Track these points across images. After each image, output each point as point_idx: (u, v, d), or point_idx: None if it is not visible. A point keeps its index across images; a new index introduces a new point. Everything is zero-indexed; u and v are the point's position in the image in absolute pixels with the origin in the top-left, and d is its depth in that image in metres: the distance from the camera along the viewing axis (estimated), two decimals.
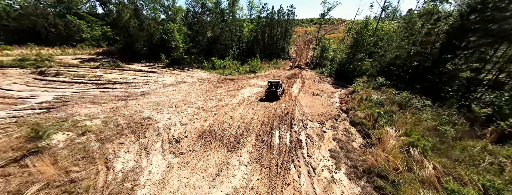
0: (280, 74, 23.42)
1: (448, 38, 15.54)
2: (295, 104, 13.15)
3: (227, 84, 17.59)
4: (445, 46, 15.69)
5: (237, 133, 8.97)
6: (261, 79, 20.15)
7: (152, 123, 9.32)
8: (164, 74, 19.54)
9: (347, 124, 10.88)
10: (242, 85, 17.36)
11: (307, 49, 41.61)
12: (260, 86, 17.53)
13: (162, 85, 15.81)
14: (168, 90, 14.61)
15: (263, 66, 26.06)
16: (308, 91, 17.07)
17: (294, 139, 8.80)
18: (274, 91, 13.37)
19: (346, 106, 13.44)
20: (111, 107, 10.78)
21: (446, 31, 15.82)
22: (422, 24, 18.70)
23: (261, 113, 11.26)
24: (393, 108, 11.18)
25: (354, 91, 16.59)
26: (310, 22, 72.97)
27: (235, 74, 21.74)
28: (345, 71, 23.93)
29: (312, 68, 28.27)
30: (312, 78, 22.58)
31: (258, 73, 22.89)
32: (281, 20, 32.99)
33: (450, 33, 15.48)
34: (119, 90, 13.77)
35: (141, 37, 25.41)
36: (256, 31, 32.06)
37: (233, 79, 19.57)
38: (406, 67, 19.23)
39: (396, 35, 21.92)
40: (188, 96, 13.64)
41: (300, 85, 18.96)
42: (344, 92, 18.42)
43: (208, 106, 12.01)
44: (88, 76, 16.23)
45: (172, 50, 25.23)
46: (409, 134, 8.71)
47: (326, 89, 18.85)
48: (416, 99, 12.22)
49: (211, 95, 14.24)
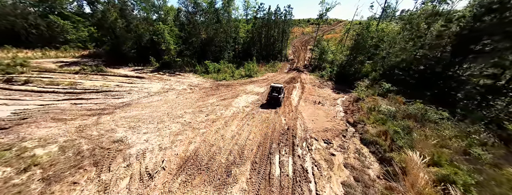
0: (278, 78, 21.65)
1: (460, 41, 14.02)
2: (296, 116, 11.41)
3: (221, 91, 15.72)
4: (457, 49, 14.18)
5: (228, 160, 7.17)
6: (257, 85, 18.35)
7: (123, 149, 7.42)
8: (152, 80, 17.51)
9: (357, 143, 9.20)
10: (237, 93, 15.52)
11: (305, 50, 39.97)
12: (257, 93, 15.73)
13: (146, 93, 13.83)
14: (152, 100, 12.67)
15: (260, 70, 24.24)
16: (309, 99, 15.36)
17: (298, 168, 7.06)
18: (276, 97, 12.35)
19: (353, 118, 11.77)
20: (78, 125, 8.82)
21: (457, 34, 14.30)
22: (428, 26, 17.17)
23: (258, 130, 9.48)
24: (409, 123, 9.54)
25: (359, 98, 14.96)
26: (307, 23, 71.48)
27: (229, 79, 19.86)
28: (345, 74, 22.38)
29: (310, 70, 26.64)
30: (311, 82, 20.90)
31: (254, 78, 21.06)
32: (278, 21, 31.15)
33: (462, 36, 13.95)
34: (95, 101, 11.76)
35: (129, 39, 23.19)
36: (252, 32, 30.16)
37: (228, 85, 17.70)
38: (412, 71, 17.71)
39: (399, 37, 20.40)
40: (174, 108, 11.74)
41: (300, 91, 17.24)
42: (347, 98, 16.80)
43: (197, 121, 10.16)
44: (63, 84, 14.11)
45: (163, 52, 23.16)
46: (437, 161, 7.08)
47: (327, 95, 17.18)
48: (431, 110, 10.63)
49: (202, 106, 12.38)
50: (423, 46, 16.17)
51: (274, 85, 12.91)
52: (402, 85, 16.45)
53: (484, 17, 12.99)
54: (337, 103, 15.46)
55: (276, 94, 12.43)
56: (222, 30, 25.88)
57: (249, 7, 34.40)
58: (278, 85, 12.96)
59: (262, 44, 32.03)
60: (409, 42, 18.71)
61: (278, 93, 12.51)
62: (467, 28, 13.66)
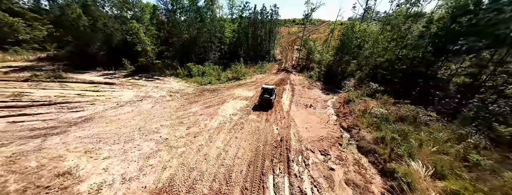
0: (268, 80, 20.49)
1: (440, 41, 14.20)
2: (289, 124, 10.30)
3: (205, 97, 14.02)
4: (438, 49, 14.36)
5: (212, 189, 5.73)
6: (246, 88, 16.97)
7: (70, 185, 5.54)
8: (124, 86, 15.10)
9: (355, 151, 8.38)
10: (223, 98, 13.97)
11: (292, 50, 39.55)
12: (245, 98, 14.34)
13: (115, 104, 11.60)
14: (122, 112, 10.57)
15: (248, 71, 22.84)
16: (300, 102, 14.44)
17: (295, 191, 5.90)
18: (268, 99, 12.00)
19: (346, 122, 11.05)
20: (10, 154, 6.60)
21: (437, 34, 14.47)
22: (409, 26, 17.38)
23: (248, 144, 8.14)
24: (404, 127, 9.00)
25: (350, 100, 14.44)
26: (293, 23, 71.89)
27: (215, 83, 18.14)
28: (332, 75, 22.16)
29: (299, 71, 26.04)
30: (301, 83, 20.14)
31: (242, 80, 19.62)
32: (265, 20, 30.02)
33: (441, 36, 14.13)
34: (44, 118, 9.33)
35: (96, 39, 20.06)
36: (239, 31, 28.60)
37: (213, 90, 16.02)
38: (396, 71, 17.83)
39: (381, 37, 20.60)
40: (149, 121, 9.85)
41: (290, 94, 16.28)
42: (337, 99, 16.29)
43: (175, 137, 8.47)
44: (4, 95, 11.21)
45: (140, 54, 20.50)
46: (440, 171, 6.46)
47: (317, 97, 16.49)
48: (421, 112, 10.32)
49: (182, 116, 10.64)
50: (406, 46, 16.24)
51: (265, 86, 12.69)
52: (387, 84, 16.38)
53: (460, 18, 13.21)
54: (328, 105, 14.80)
55: (267, 96, 12.07)
56: (205, 29, 23.89)
57: (234, 6, 32.71)
58: (270, 86, 12.72)
59: (249, 44, 30.64)
60: (391, 42, 18.87)
61: (269, 95, 12.19)
62: (445, 28, 13.84)
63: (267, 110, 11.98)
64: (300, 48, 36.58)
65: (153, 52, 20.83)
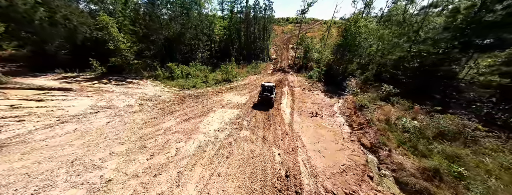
0: (263, 82, 17.53)
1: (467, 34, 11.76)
2: (294, 145, 7.39)
3: (186, 106, 10.84)
4: (464, 44, 11.92)
5: None
6: (238, 93, 13.92)
7: None
8: (83, 93, 11.60)
9: (397, 191, 5.59)
10: (209, 107, 10.86)
11: (287, 49, 36.82)
12: (236, 105, 11.31)
13: (55, 120, 8.20)
14: (57, 134, 7.23)
15: (241, 72, 19.78)
16: (302, 109, 11.60)
17: None
18: (268, 97, 10.94)
19: (367, 138, 8.30)
20: None
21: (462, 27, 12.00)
22: (423, 18, 14.94)
23: (236, 187, 5.14)
24: (461, 151, 6.30)
25: (363, 106, 11.77)
26: (286, 21, 69.44)
27: (201, 86, 14.93)
28: (333, 75, 19.59)
29: (296, 71, 23.27)
30: (300, 85, 17.34)
31: (233, 83, 16.52)
32: (258, 16, 26.95)
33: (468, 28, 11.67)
34: None
35: (56, 35, 16.21)
36: (230, 28, 25.36)
37: (198, 95, 12.84)
38: (407, 70, 15.39)
39: (386, 32, 18.14)
40: (94, 146, 6.62)
41: (290, 98, 13.41)
42: (344, 103, 13.60)
43: (125, 175, 5.34)
44: None
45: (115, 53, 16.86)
46: None
47: (321, 101, 13.73)
48: (466, 124, 7.74)
49: (147, 137, 7.47)
50: (424, 41, 13.74)
51: (265, 84, 11.70)
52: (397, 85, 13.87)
53: (493, 6, 10.78)
54: (335, 111, 12.07)
55: (268, 94, 11.04)
56: (191, 25, 20.48)
57: (225, 1, 29.30)
58: (270, 84, 11.73)
59: (241, 42, 27.49)
60: (400, 37, 16.41)
61: (270, 93, 11.11)
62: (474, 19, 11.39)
63: (267, 109, 10.81)
64: (295, 46, 33.99)
65: (130, 50, 17.26)
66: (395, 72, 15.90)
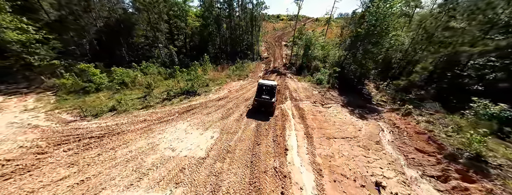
0: (249, 94, 10.50)
1: None
2: None
3: (30, 188, 3.73)
4: None
5: None
6: (199, 121, 6.94)
7: None
8: None
9: None
10: (101, 181, 3.84)
11: (280, 46, 30.43)
12: (183, 169, 4.37)
13: None
14: None
15: (218, 76, 12.80)
16: (335, 167, 5.01)
17: None
18: (267, 101, 7.06)
19: None
20: None
21: None
22: None
23: None
24: None
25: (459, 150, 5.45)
26: (277, 18, 63.36)
27: (133, 106, 7.70)
28: (347, 77, 13.52)
29: (295, 72, 16.83)
30: (308, 96, 10.79)
31: (200, 97, 9.44)
32: (245, 3, 20.03)
33: None
34: None
35: None
36: (204, 17, 18.12)
37: (102, 136, 5.69)
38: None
39: (430, 19, 12.17)
40: None
41: (302, 131, 6.74)
42: (391, 130, 7.34)
43: None
44: None
45: None
46: None
47: (353, 128, 7.31)
48: None
49: None
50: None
51: (263, 82, 7.68)
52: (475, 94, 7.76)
53: None
54: (390, 152, 5.73)
55: (267, 97, 7.21)
56: (141, 6, 12.93)
57: None
58: (270, 82, 7.79)
59: (224, 36, 20.43)
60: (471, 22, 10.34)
61: (269, 95, 7.28)
62: None
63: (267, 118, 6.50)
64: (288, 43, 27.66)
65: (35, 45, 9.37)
66: (448, 75, 9.89)
